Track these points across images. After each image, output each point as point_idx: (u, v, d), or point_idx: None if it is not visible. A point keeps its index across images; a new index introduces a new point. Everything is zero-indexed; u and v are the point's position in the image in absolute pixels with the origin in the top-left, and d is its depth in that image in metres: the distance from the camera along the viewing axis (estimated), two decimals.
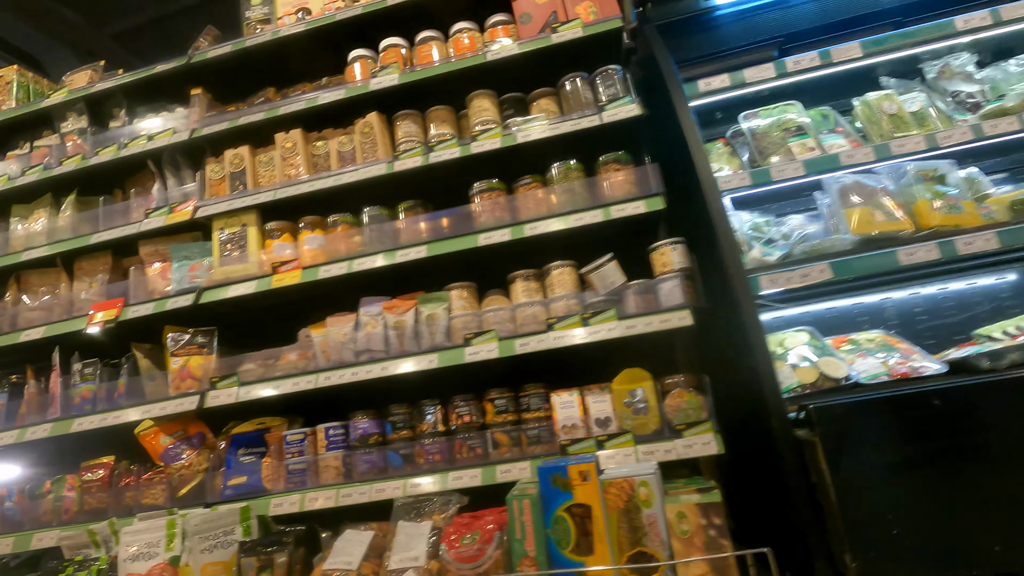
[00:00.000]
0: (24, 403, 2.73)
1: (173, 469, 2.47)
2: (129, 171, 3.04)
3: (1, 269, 2.89)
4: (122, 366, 2.72)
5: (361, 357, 2.39)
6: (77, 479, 2.55)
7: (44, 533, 2.46)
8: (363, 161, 2.63)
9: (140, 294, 2.71)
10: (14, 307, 2.87)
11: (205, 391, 2.46)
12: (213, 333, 2.62)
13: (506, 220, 2.41)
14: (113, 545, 2.35)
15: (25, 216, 3.01)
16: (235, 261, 2.61)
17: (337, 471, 2.34)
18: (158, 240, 2.82)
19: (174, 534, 2.11)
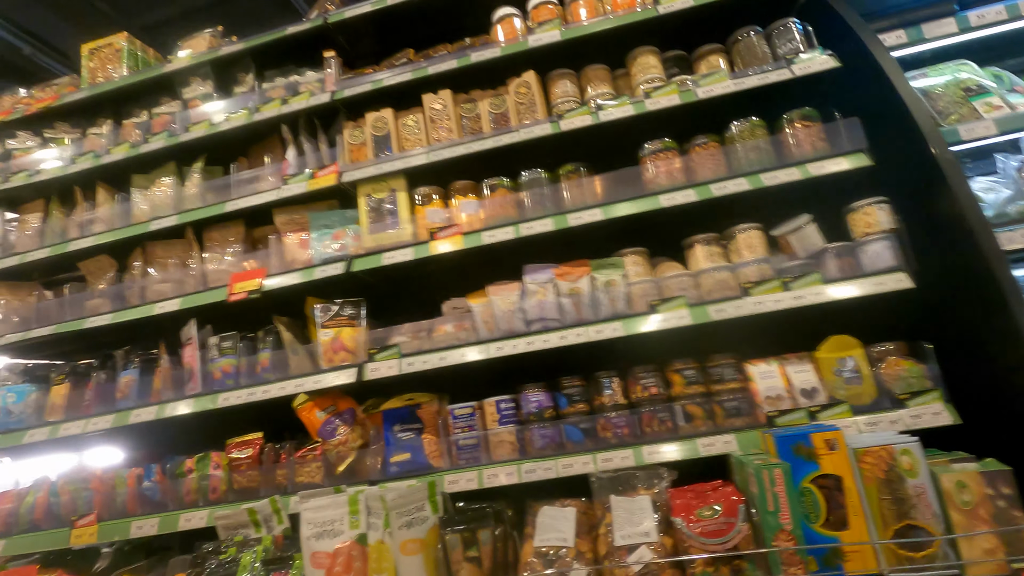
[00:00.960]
0: (159, 379, 2.60)
1: (330, 446, 2.34)
2: (253, 138, 2.92)
3: (125, 240, 2.76)
4: (259, 339, 2.60)
5: (533, 326, 2.26)
6: (223, 457, 2.42)
7: (192, 513, 2.34)
8: (518, 123, 2.50)
9: (278, 264, 2.58)
10: (142, 279, 2.74)
11: (362, 363, 2.33)
12: (361, 304, 2.49)
13: (682, 181, 2.27)
14: (275, 524, 2.23)
15: (146, 186, 2.89)
16: (385, 228, 2.48)
17: (512, 446, 2.21)
18: (293, 209, 2.69)
19: (357, 511, 1.98)
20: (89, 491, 2.52)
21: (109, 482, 2.52)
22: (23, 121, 3.07)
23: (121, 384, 2.64)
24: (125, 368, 2.68)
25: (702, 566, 1.61)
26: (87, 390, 2.69)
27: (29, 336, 2.73)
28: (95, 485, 2.51)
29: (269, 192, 2.60)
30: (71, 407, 2.67)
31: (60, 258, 2.82)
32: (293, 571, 2.00)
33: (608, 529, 1.79)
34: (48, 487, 2.59)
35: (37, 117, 3.05)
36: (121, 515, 2.47)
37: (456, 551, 1.83)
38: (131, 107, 3.03)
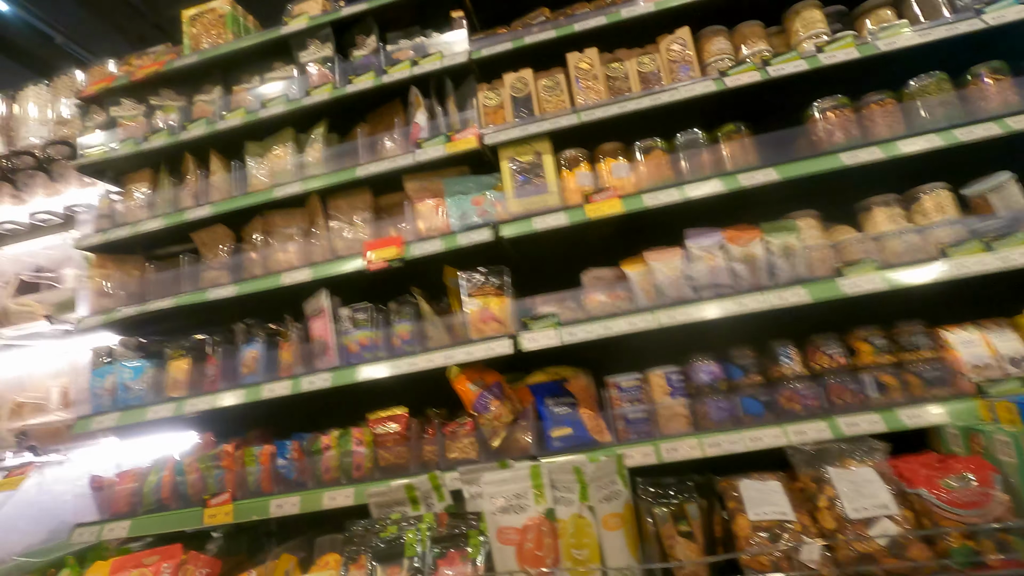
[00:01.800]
0: (287, 353, 2.48)
1: (485, 420, 2.22)
2: (373, 105, 2.80)
3: (244, 209, 2.64)
4: (392, 311, 2.48)
5: (703, 293, 2.13)
6: (366, 432, 2.31)
7: (337, 491, 2.22)
8: (670, 81, 2.37)
9: (415, 232, 2.46)
10: (265, 249, 2.62)
11: (517, 333, 2.21)
12: (505, 273, 2.37)
13: (860, 139, 2.14)
14: (435, 501, 2.12)
15: (260, 154, 2.77)
16: (532, 192, 2.35)
17: (686, 419, 2.09)
18: (424, 176, 2.57)
19: (541, 485, 1.86)
20: (220, 469, 2.40)
21: (240, 460, 2.41)
22: (128, 88, 2.95)
23: (246, 358, 2.52)
24: (248, 342, 2.57)
25: (960, 540, 1.49)
26: (208, 365, 2.58)
27: (147, 309, 2.62)
28: (227, 463, 2.39)
29: (402, 157, 2.48)
30: (194, 383, 2.56)
31: (173, 229, 2.71)
32: (471, 548, 1.89)
33: (831, 502, 1.67)
34: (173, 466, 2.48)
35: (142, 84, 2.93)
36: (255, 494, 2.36)
37: (666, 526, 1.71)
38: (239, 73, 2.91)
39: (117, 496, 2.49)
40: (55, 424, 2.86)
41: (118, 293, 2.80)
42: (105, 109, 2.92)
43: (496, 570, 1.80)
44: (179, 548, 2.17)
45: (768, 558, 1.59)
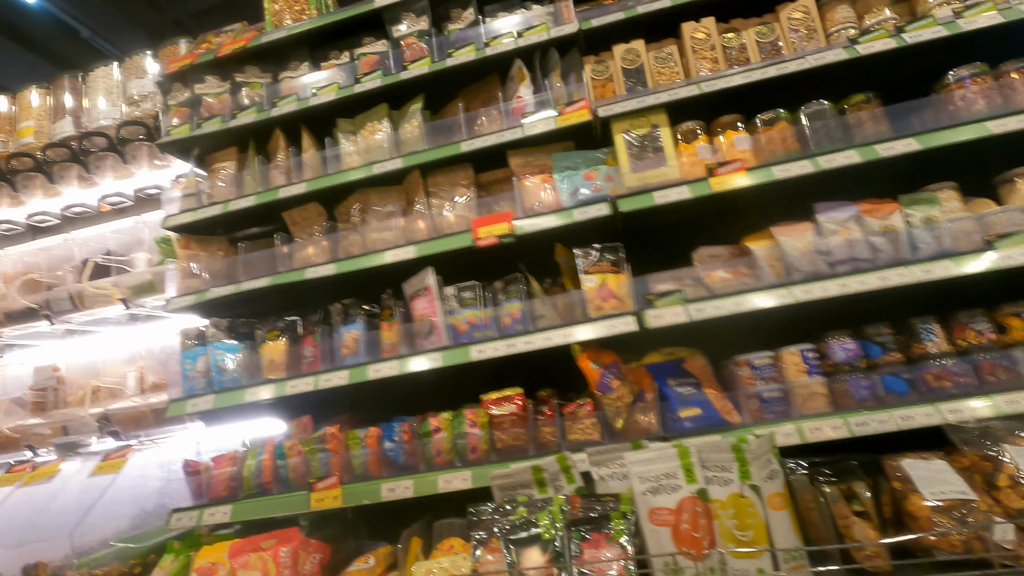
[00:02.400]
0: (391, 333, 2.41)
1: (609, 400, 2.14)
2: (469, 80, 2.73)
3: (339, 187, 2.57)
4: (498, 290, 2.40)
5: (839, 268, 2.05)
6: (480, 414, 2.23)
7: (453, 474, 2.15)
8: (792, 51, 2.29)
9: (524, 207, 2.38)
10: (362, 228, 2.55)
11: (641, 311, 2.13)
12: (620, 249, 2.29)
13: (1001, 107, 2.06)
14: (563, 483, 2.04)
15: (352, 131, 2.69)
16: (650, 166, 2.28)
17: (826, 398, 2.01)
18: (528, 151, 2.49)
19: (691, 464, 1.78)
20: (325, 452, 2.33)
21: (343, 443, 2.33)
22: (212, 65, 2.88)
23: (347, 339, 2.45)
24: (347, 322, 2.49)
25: None
26: (304, 346, 2.51)
27: (241, 289, 2.55)
28: (332, 446, 2.32)
29: (509, 131, 2.40)
30: (291, 364, 2.49)
31: (264, 207, 2.63)
32: (615, 531, 1.81)
33: (1013, 481, 1.58)
34: (272, 449, 2.41)
35: (226, 61, 2.86)
36: (362, 478, 2.29)
37: (838, 505, 1.63)
38: (326, 49, 2.83)
39: (215, 481, 2.42)
40: (137, 409, 2.79)
41: (203, 275, 2.73)
42: (189, 87, 2.85)
43: (650, 552, 1.72)
44: (296, 532, 2.11)
45: (956, 539, 1.51)
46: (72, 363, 3.31)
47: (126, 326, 3.53)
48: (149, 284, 3.02)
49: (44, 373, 3.22)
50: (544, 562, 1.81)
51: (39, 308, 3.13)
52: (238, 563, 2.01)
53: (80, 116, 3.40)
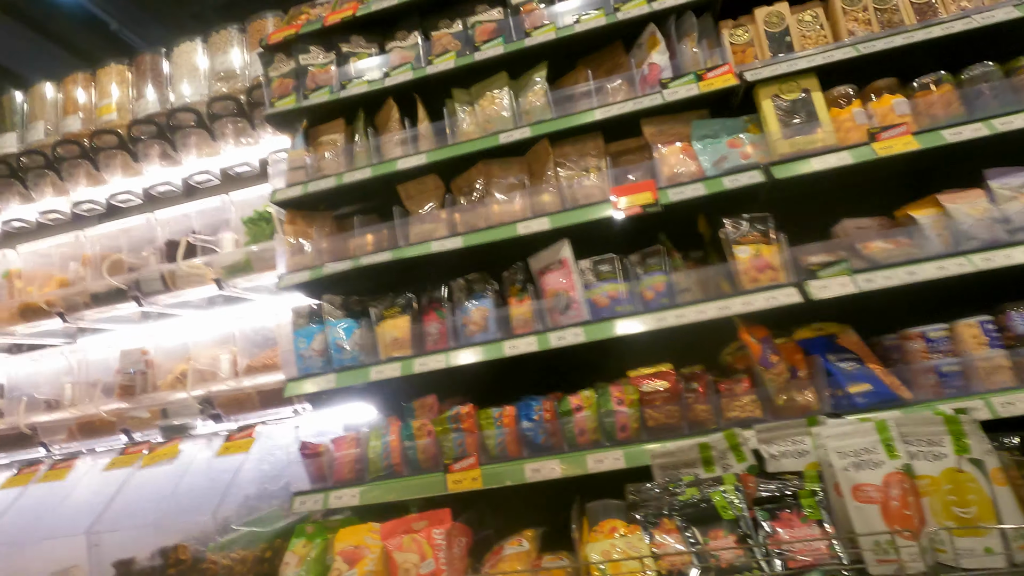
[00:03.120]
0: (521, 308, 2.31)
1: (771, 375, 2.04)
2: (591, 47, 2.63)
3: (455, 159, 2.47)
4: (633, 263, 2.30)
5: (1019, 235, 1.95)
6: (628, 391, 2.12)
7: (604, 453, 2.04)
8: (951, 11, 2.19)
9: (665, 176, 2.28)
10: (484, 200, 2.45)
11: (803, 282, 2.02)
12: (769, 219, 2.19)
13: None
14: (732, 461, 1.94)
15: (469, 101, 2.60)
16: (802, 132, 2.17)
17: (1011, 372, 1.90)
18: (662, 119, 2.39)
19: (889, 438, 1.67)
20: (460, 432, 2.23)
21: (478, 422, 2.23)
22: (316, 35, 2.78)
23: (474, 315, 2.35)
24: (472, 299, 2.39)
25: None
26: (428, 323, 2.41)
27: (360, 264, 2.45)
28: (468, 425, 2.22)
29: (648, 98, 2.30)
30: (416, 342, 2.39)
31: (381, 179, 2.54)
32: (806, 509, 1.71)
33: None
34: (399, 429, 2.31)
35: (332, 30, 2.76)
36: (499, 459, 2.19)
37: None
38: (436, 18, 2.73)
39: (339, 463, 2.32)
40: (242, 391, 2.69)
41: (309, 251, 2.63)
42: (293, 58, 2.76)
43: (856, 530, 1.61)
44: (448, 513, 2.01)
45: None
46: (158, 346, 3.21)
47: (206, 309, 3.44)
48: (245, 264, 2.92)
49: (132, 357, 3.12)
50: (733, 542, 1.71)
51: (128, 289, 3.03)
52: (393, 545, 1.91)
53: (164, 93, 3.30)
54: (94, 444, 2.90)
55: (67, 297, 3.12)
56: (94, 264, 3.36)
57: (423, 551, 1.88)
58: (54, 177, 3.41)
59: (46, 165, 3.36)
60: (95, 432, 2.90)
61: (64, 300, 3.12)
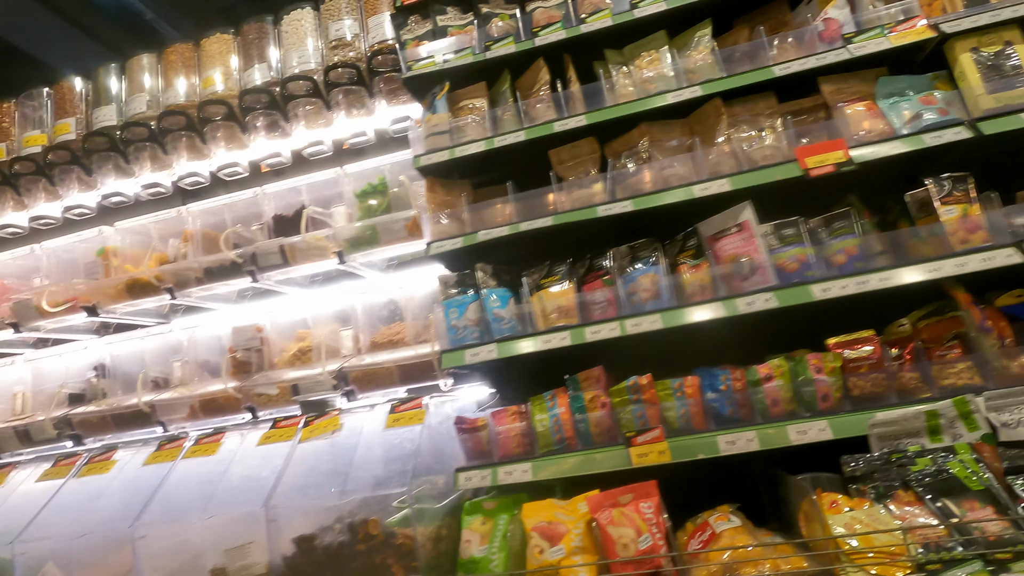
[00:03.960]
0: (697, 274, 2.20)
1: (992, 341, 1.92)
2: (747, 6, 2.52)
3: (618, 120, 2.35)
4: (815, 226, 2.19)
5: None
6: (828, 359, 2.01)
7: (808, 424, 1.93)
8: None
9: (852, 135, 2.17)
10: (649, 163, 2.34)
11: (1020, 241, 1.91)
12: (968, 179, 2.07)
13: None
14: (962, 430, 1.82)
15: (622, 62, 2.49)
16: (1009, 86, 2.06)
17: None
18: (840, 77, 2.28)
19: None
20: (639, 404, 2.11)
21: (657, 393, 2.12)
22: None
23: (643, 282, 2.23)
24: (637, 265, 2.28)
25: None
26: (592, 291, 2.30)
27: (520, 230, 2.34)
28: (649, 396, 2.11)
29: (833, 53, 2.19)
30: (582, 310, 2.27)
31: (536, 143, 2.42)
32: None
33: None
34: (568, 402, 2.20)
35: None
36: (683, 431, 2.08)
37: None
38: None
39: (504, 438, 2.21)
40: (381, 366, 2.58)
41: (444, 221, 2.52)
42: (430, 19, 2.65)
43: None
44: (653, 486, 1.90)
45: None
46: (274, 323, 3.11)
47: (306, 288, 3.34)
48: (371, 236, 2.80)
49: (246, 334, 3.01)
50: (992, 513, 1.59)
51: (243, 263, 2.92)
52: (604, 519, 1.80)
53: (274, 62, 3.19)
54: (216, 422, 2.79)
55: (178, 272, 3.01)
56: (195, 240, 3.25)
57: (638, 526, 1.77)
58: (156, 150, 3.30)
59: (149, 138, 3.25)
60: (218, 410, 2.78)
61: (175, 275, 3.01)
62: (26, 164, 3.43)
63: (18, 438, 2.99)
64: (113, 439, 3.02)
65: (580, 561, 1.75)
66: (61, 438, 2.95)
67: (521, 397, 2.33)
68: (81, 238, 3.46)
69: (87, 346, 3.33)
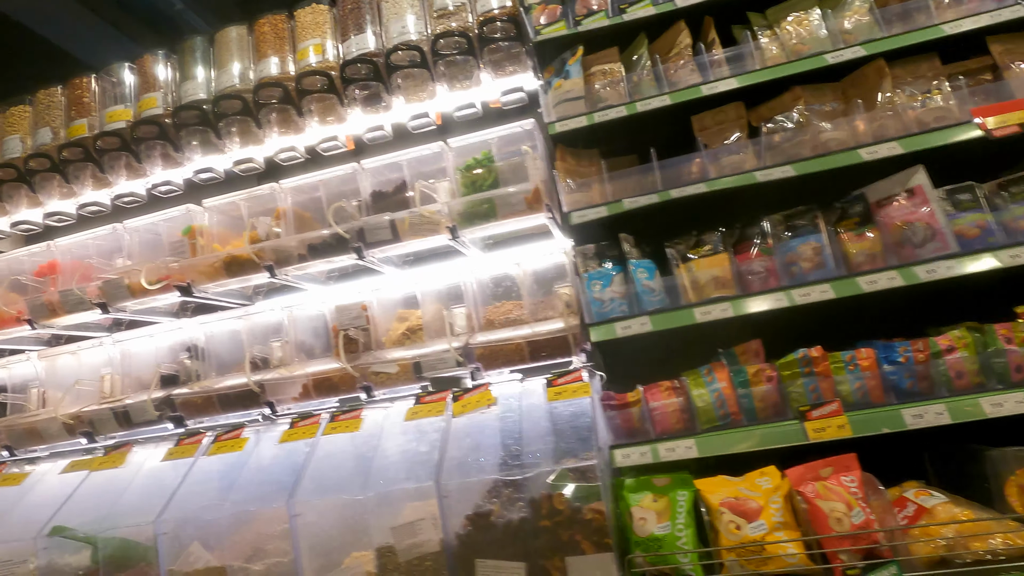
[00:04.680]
0: (866, 243, 2.10)
1: None
2: None
3: (770, 83, 2.26)
4: (989, 191, 2.09)
5: None
6: (1021, 328, 1.91)
7: (1005, 396, 1.83)
8: None
9: None
10: (810, 127, 2.24)
11: None
12: None
13: None
14: None
15: (766, 24, 2.38)
16: None
17: None
18: (1008, 37, 2.18)
19: None
20: (810, 377, 2.02)
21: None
22: None
23: (804, 251, 2.14)
24: (795, 234, 2.18)
25: None
26: (748, 261, 2.20)
27: (670, 197, 2.24)
28: (822, 369, 2.01)
29: (1006, 9, 2.09)
30: (738, 280, 2.18)
31: (680, 107, 2.33)
32: None
33: None
34: (730, 376, 2.10)
35: None
36: (860, 405, 1.98)
37: None
38: None
39: (660, 414, 2.11)
40: (511, 341, 2.47)
41: (573, 190, 2.42)
42: None
43: None
44: (853, 459, 1.81)
45: None
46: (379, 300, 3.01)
47: (400, 268, 3.24)
48: (487, 209, 2.70)
49: (351, 312, 2.91)
50: None
51: (350, 239, 2.82)
52: (810, 493, 1.70)
53: (374, 33, 3.08)
54: (330, 401, 2.70)
55: (280, 248, 2.91)
56: (287, 218, 3.16)
57: (846, 500, 1.67)
58: (248, 124, 3.19)
59: (242, 111, 3.15)
60: (333, 388, 2.68)
61: (276, 252, 2.91)
62: (110, 140, 3.32)
63: (116, 420, 2.89)
64: (211, 421, 2.93)
65: (784, 536, 1.65)
66: (162, 420, 2.85)
67: (629, 380, 2.24)
68: (167, 216, 3.35)
69: (181, 326, 3.22)
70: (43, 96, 3.56)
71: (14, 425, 3.00)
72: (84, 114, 3.47)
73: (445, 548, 1.76)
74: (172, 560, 1.91)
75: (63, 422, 2.95)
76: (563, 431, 1.91)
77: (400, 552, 1.79)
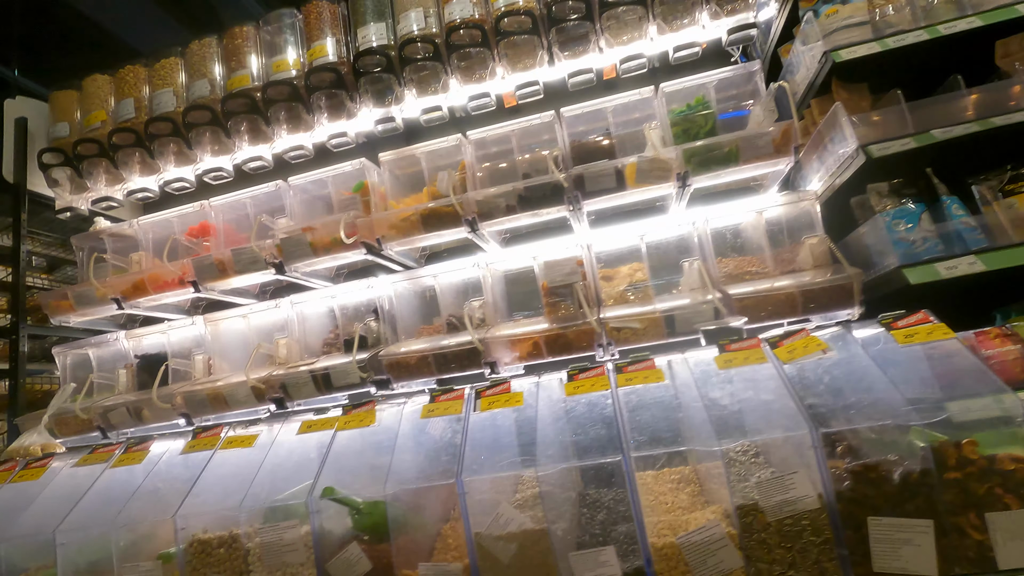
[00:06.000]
0: None
1: None
2: None
3: None
4: None
5: None
6: None
7: None
8: None
9: None
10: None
11: None
12: None
13: None
14: None
15: None
16: None
17: None
18: None
19: None
20: None
21: None
22: None
23: None
24: None
25: None
26: None
27: (992, 125, 2.02)
28: None
29: None
30: None
31: (984, 30, 2.11)
32: None
33: None
34: None
35: None
36: None
37: None
38: None
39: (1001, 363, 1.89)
40: (783, 290, 2.24)
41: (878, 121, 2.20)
42: None
43: None
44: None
45: None
46: None
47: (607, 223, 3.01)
48: (728, 153, 2.49)
49: (564, 268, 2.69)
50: None
51: (567, 187, 2.60)
52: None
53: None
54: (561, 358, 2.48)
55: (489, 200, 2.69)
56: (471, 171, 2.95)
57: None
58: (438, 69, 2.98)
59: (432, 56, 2.93)
60: (567, 347, 2.46)
61: (482, 204, 2.69)
62: (279, 89, 3.11)
63: (315, 384, 2.67)
64: (423, 384, 2.72)
65: None
66: (366, 383, 2.63)
67: None
68: (336, 171, 3.12)
69: (371, 285, 3.00)
70: (196, 47, 3.34)
71: (195, 391, 2.79)
72: (242, 65, 3.26)
73: (828, 505, 1.54)
74: (478, 524, 1.70)
75: (252, 386, 2.74)
76: (945, 375, 1.69)
77: (768, 510, 1.57)
